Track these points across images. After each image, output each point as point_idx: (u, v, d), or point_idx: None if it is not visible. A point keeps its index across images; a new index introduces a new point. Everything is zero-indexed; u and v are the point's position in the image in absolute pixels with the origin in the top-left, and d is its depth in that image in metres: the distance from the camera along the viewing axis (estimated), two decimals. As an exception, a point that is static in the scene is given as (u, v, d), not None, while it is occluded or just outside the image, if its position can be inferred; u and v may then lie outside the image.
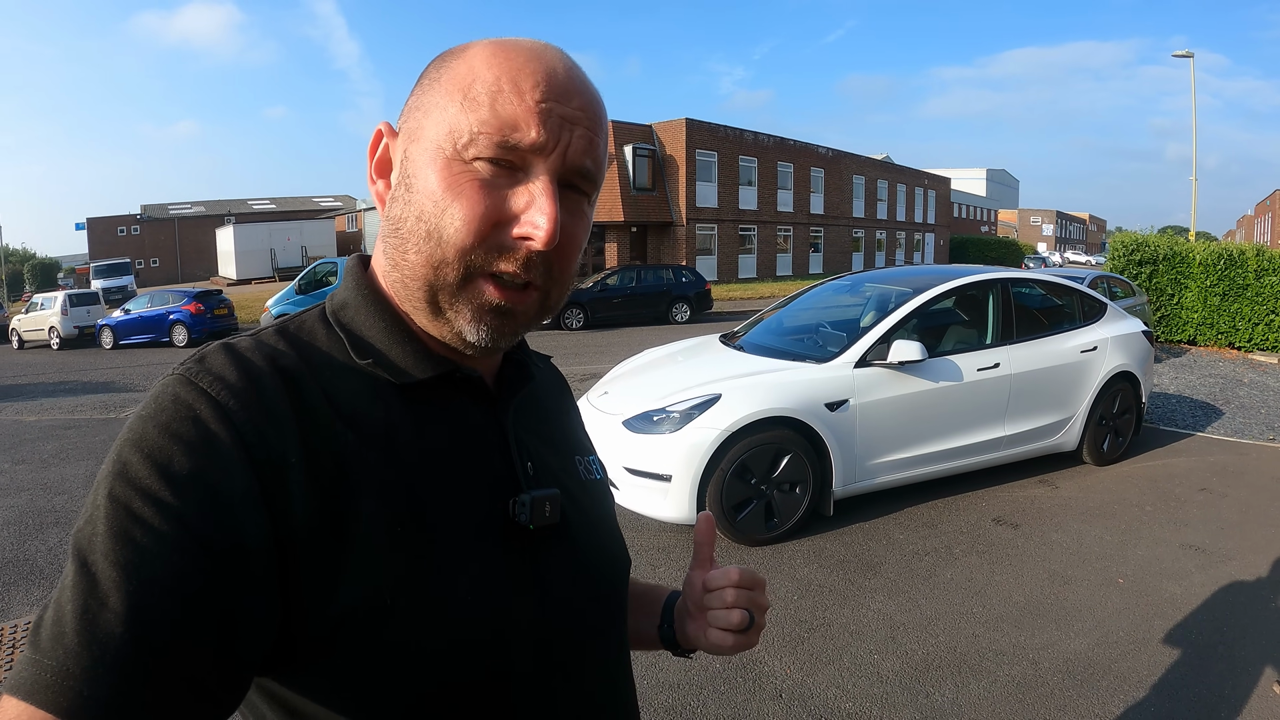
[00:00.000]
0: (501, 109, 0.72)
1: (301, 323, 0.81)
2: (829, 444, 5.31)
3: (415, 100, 0.79)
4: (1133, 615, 4.24)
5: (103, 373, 16.68)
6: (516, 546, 0.80)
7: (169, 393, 0.68)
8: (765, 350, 6.19)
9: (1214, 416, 9.19)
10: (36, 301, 24.93)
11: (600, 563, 0.91)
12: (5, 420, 11.12)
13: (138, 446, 0.64)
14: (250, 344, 0.75)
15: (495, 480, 0.81)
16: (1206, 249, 15.18)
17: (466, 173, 0.73)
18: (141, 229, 64.57)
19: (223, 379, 0.69)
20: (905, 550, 5.13)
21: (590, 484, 0.97)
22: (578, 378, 11.95)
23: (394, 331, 0.80)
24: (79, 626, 0.57)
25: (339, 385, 0.75)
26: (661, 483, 5.04)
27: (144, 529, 0.60)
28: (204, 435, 0.65)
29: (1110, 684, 3.59)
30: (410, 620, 0.70)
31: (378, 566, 0.69)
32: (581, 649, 0.86)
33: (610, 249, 34.85)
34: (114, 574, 0.58)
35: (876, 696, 3.52)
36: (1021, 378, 6.22)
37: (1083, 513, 5.80)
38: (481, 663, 0.74)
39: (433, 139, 0.74)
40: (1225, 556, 4.99)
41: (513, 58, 0.75)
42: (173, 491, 0.62)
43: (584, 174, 0.78)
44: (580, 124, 0.76)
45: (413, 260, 0.75)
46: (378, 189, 0.82)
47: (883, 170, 51.24)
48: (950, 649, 3.91)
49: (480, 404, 0.85)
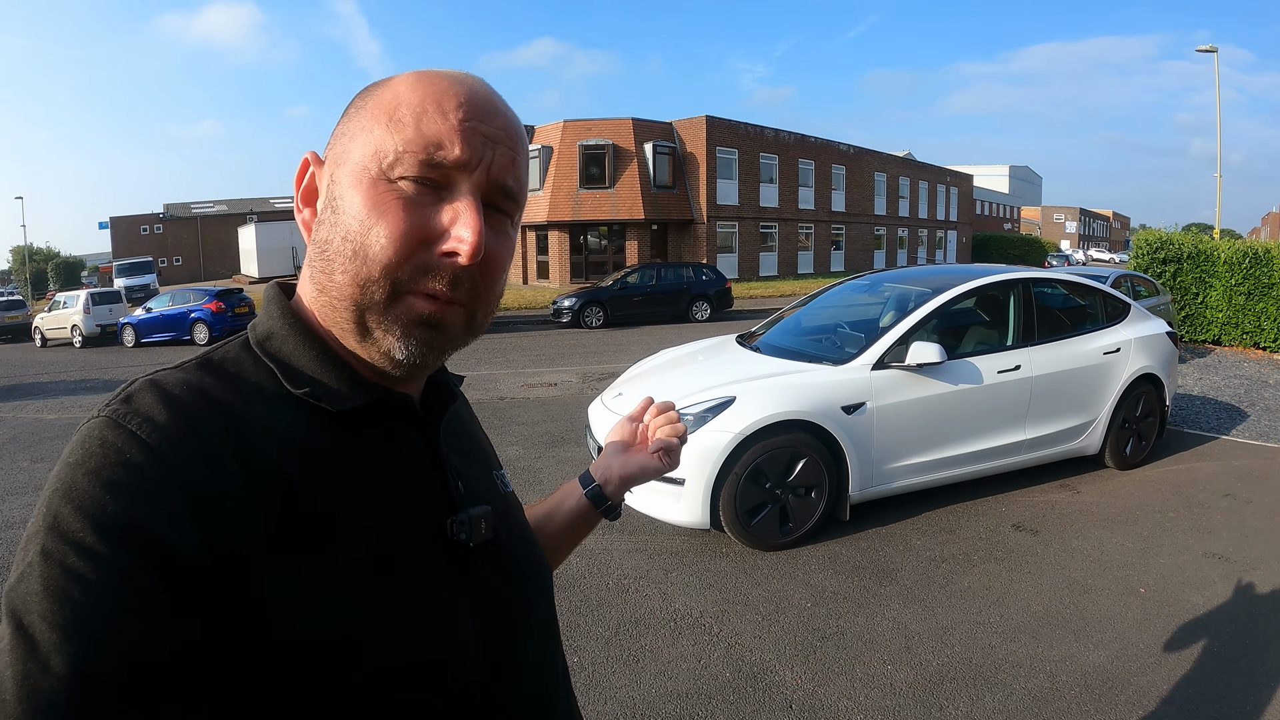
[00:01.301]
0: (426, 128, 0.74)
1: (225, 354, 0.79)
2: (845, 448, 5.24)
3: (342, 128, 0.80)
4: (1153, 626, 4.15)
5: (124, 371, 16.81)
6: (458, 565, 0.81)
7: (96, 437, 0.66)
8: (782, 351, 6.14)
9: (1239, 419, 9.04)
10: (59, 300, 25.16)
11: (532, 572, 0.94)
12: (26, 418, 11.24)
13: (67, 497, 0.62)
14: (178, 379, 0.73)
15: (432, 501, 0.82)
16: (1231, 247, 14.97)
17: (391, 191, 0.74)
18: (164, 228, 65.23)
19: (151, 419, 0.67)
20: (922, 557, 5.05)
21: (509, 497, 1.01)
22: (596, 377, 11.99)
23: (325, 359, 0.79)
24: (20, 693, 0.54)
25: (274, 416, 0.74)
26: (674, 486, 4.99)
27: (81, 586, 0.58)
28: (136, 480, 0.63)
29: (1129, 698, 3.51)
30: (366, 648, 0.69)
31: (329, 597, 0.68)
32: (526, 656, 0.88)
33: (631, 247, 34.88)
34: (53, 636, 0.56)
35: (889, 709, 3.45)
36: (1043, 380, 6.12)
37: (1104, 519, 5.70)
38: (437, 683, 0.75)
39: (358, 161, 0.75)
40: (1249, 565, 4.89)
41: (436, 82, 0.77)
42: (107, 543, 0.59)
43: (506, 192, 0.79)
44: (502, 143, 0.78)
45: (339, 281, 0.75)
46: (304, 217, 0.83)
47: (904, 167, 51.00)
48: (966, 660, 3.84)
49: (411, 427, 0.85)
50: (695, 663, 3.86)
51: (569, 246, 34.81)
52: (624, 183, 34.04)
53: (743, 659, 3.89)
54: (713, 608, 4.40)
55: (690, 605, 4.42)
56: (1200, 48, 28.47)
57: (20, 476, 7.72)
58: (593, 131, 34.33)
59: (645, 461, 1.21)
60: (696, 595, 4.54)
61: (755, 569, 4.88)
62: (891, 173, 48.51)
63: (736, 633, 4.14)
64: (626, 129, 34.37)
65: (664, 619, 4.27)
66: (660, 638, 4.09)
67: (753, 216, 37.96)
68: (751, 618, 4.29)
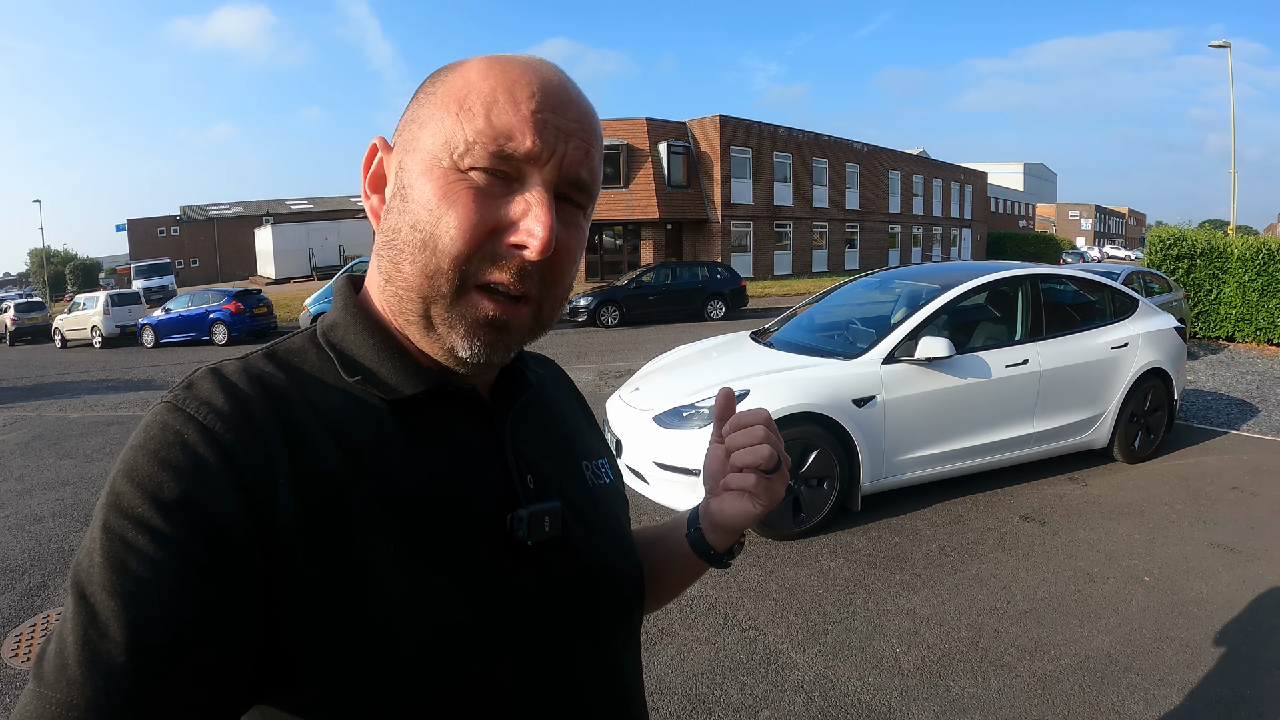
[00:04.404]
0: (497, 119, 0.73)
1: (291, 345, 0.81)
2: (856, 440, 5.36)
3: (410, 114, 0.79)
4: (1157, 614, 4.24)
5: (144, 370, 17.06)
6: (514, 562, 0.79)
7: (158, 421, 0.69)
8: (795, 347, 6.25)
9: (1250, 414, 9.06)
10: (79, 301, 25.48)
11: (606, 572, 0.89)
12: (50, 417, 11.45)
13: (129, 476, 0.65)
14: (237, 368, 0.75)
15: (493, 496, 0.80)
16: (1245, 243, 14.94)
17: (462, 181, 0.73)
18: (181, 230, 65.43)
19: (209, 404, 0.70)
20: (931, 546, 5.16)
21: (598, 489, 0.96)
22: (613, 374, 12.06)
23: (383, 348, 0.80)
24: (81, 657, 0.58)
25: (328, 404, 0.76)
26: (691, 477, 5.12)
27: (138, 557, 0.61)
28: (193, 460, 0.66)
29: (1131, 681, 3.61)
30: (407, 640, 0.70)
31: (371, 587, 0.69)
32: (583, 660, 0.84)
33: (646, 246, 34.93)
34: (112, 604, 0.59)
35: (897, 689, 3.57)
36: (1051, 374, 6.22)
37: (1111, 510, 5.78)
38: (481, 683, 0.74)
39: (428, 150, 0.75)
40: (1254, 556, 4.96)
41: (508, 70, 0.75)
42: (164, 518, 0.63)
43: (579, 185, 0.78)
44: (576, 135, 0.76)
45: (407, 271, 0.75)
46: (372, 204, 0.83)
47: (919, 165, 50.83)
48: (972, 644, 3.95)
49: (476, 419, 0.84)
50: (710, 645, 3.98)
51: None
52: (639, 182, 34.06)
53: (756, 642, 4.01)
54: (727, 594, 4.52)
55: (706, 592, 4.55)
56: (1214, 43, 28.37)
57: (47, 473, 7.93)
58: (607, 132, 34.18)
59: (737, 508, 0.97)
60: (712, 582, 4.66)
61: (769, 557, 5.00)
62: (906, 171, 48.36)
63: (750, 617, 4.26)
64: (641, 129, 34.41)
65: (680, 604, 4.38)
66: (677, 621, 4.22)
67: (767, 215, 37.96)
68: (765, 603, 4.41)
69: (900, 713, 3.40)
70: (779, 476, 0.95)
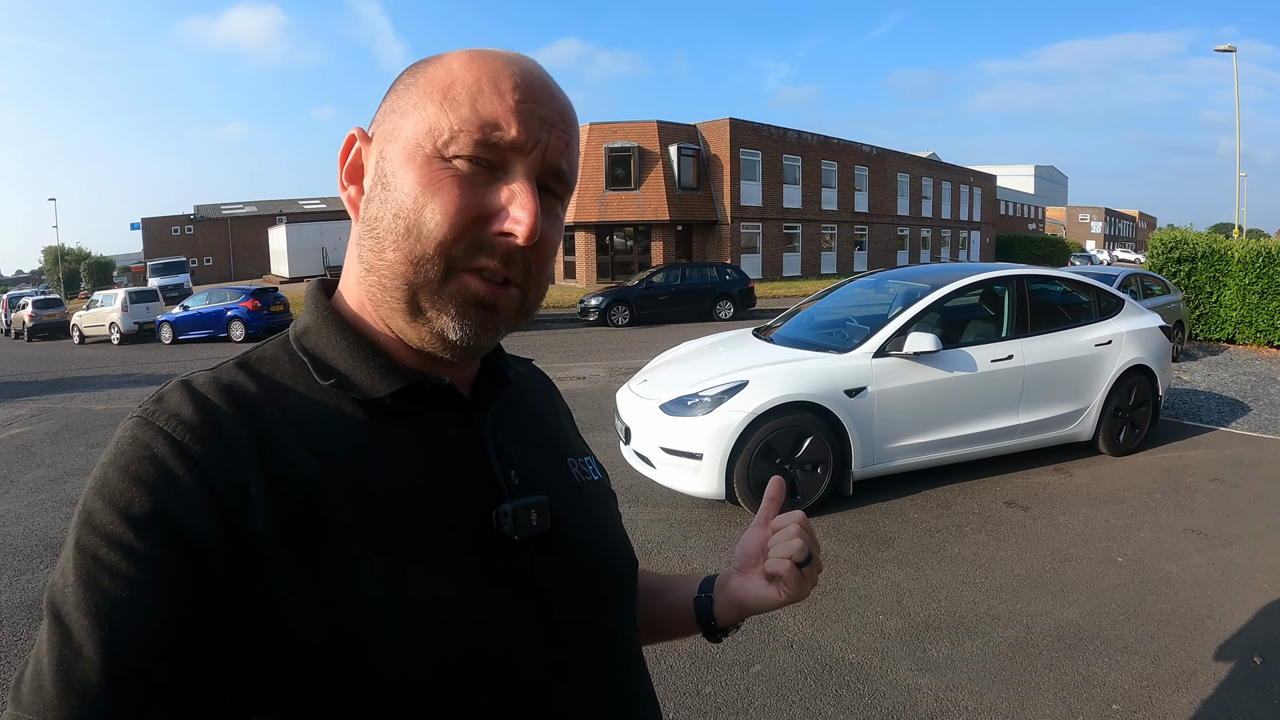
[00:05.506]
0: (482, 108, 0.73)
1: (263, 353, 0.81)
2: (848, 428, 5.68)
3: (390, 104, 0.79)
4: (1127, 590, 4.49)
5: (163, 365, 17.44)
6: (503, 559, 0.78)
7: (128, 436, 0.68)
8: (793, 342, 6.58)
9: (1240, 412, 9.25)
10: (97, 299, 25.98)
11: (598, 566, 0.89)
12: (75, 408, 11.90)
13: (100, 493, 0.64)
14: (208, 379, 0.74)
15: (476, 492, 0.79)
16: (1245, 246, 15.18)
17: (446, 169, 0.73)
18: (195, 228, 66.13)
19: (178, 416, 0.69)
20: (918, 527, 5.47)
21: (586, 485, 0.95)
22: (622, 371, 12.31)
23: (357, 350, 0.79)
24: (56, 678, 0.57)
25: (301, 411, 0.75)
26: (694, 461, 5.47)
27: (111, 575, 0.60)
28: (163, 474, 0.65)
29: (1097, 649, 3.87)
30: (395, 646, 0.69)
31: (353, 592, 0.68)
32: (583, 654, 0.83)
33: (656, 247, 35.13)
34: (86, 623, 0.59)
35: (878, 650, 3.88)
36: (1035, 369, 6.51)
37: (1092, 498, 6.05)
38: (475, 683, 0.73)
39: (411, 138, 0.75)
40: (1226, 541, 5.19)
41: (491, 62, 0.76)
42: (136, 534, 0.62)
43: (559, 176, 0.79)
44: (557, 126, 0.77)
45: (391, 259, 0.74)
46: (349, 194, 0.82)
47: (928, 168, 50.94)
48: (950, 613, 4.25)
49: (456, 415, 0.84)
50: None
51: (595, 247, 35.06)
52: (649, 184, 34.27)
53: (750, 610, 4.30)
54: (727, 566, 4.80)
55: (707, 566, 4.85)
56: (1219, 47, 28.42)
57: (78, 460, 8.35)
58: (618, 134, 34.52)
59: (760, 592, 1.00)
60: (712, 558, 4.98)
61: (764, 538, 5.28)
62: (914, 173, 48.49)
63: (745, 589, 4.54)
64: (651, 131, 34.62)
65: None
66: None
67: (776, 217, 38.16)
68: (759, 577, 4.69)
69: (880, 670, 3.70)
70: (811, 569, 0.97)
